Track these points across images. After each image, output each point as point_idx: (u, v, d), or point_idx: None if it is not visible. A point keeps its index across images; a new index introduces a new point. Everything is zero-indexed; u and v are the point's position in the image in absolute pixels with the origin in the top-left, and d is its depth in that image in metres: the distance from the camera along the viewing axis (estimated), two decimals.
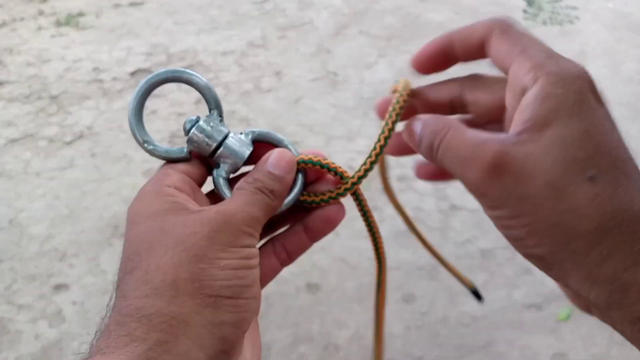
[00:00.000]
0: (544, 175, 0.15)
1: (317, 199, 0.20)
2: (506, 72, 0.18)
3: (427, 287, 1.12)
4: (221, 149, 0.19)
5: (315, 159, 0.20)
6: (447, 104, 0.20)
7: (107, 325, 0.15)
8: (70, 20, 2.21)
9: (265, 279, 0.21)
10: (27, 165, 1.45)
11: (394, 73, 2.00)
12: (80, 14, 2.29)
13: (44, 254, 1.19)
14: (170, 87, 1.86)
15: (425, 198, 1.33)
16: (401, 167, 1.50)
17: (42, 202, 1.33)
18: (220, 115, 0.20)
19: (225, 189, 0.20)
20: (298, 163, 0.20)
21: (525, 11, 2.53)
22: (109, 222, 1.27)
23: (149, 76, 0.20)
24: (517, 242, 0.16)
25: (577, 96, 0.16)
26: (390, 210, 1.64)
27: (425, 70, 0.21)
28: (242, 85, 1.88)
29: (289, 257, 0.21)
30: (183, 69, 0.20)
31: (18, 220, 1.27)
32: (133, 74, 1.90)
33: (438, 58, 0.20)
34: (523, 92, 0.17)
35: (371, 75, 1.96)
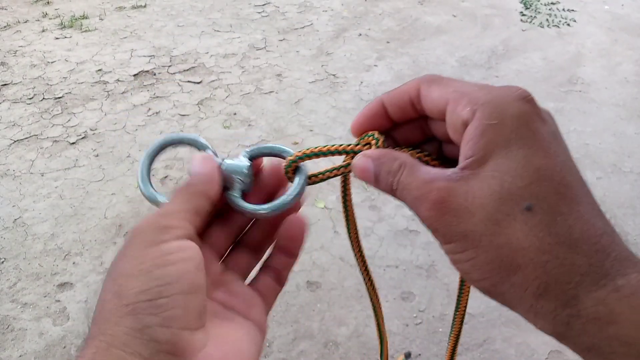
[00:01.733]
0: (481, 211, 0.15)
1: (324, 176, 0.21)
2: (442, 116, 0.18)
3: (425, 285, 1.14)
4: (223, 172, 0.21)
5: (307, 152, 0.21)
6: (408, 103, 0.19)
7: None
8: (74, 22, 2.24)
9: (268, 300, 0.21)
10: (31, 165, 1.47)
11: (393, 75, 2.03)
12: (84, 17, 2.31)
13: (48, 252, 1.21)
14: (173, 89, 1.89)
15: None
16: None
17: (46, 201, 1.35)
18: (214, 153, 0.21)
19: (240, 202, 0.20)
20: (292, 162, 0.21)
21: (522, 14, 2.55)
22: (112, 222, 1.29)
23: (150, 147, 0.21)
24: (466, 275, 0.16)
25: (514, 122, 0.16)
26: (388, 209, 1.66)
27: (364, 131, 0.20)
28: (243, 87, 1.90)
29: (280, 276, 0.22)
30: (179, 135, 0.22)
31: (22, 220, 1.29)
32: (136, 75, 1.93)
33: (375, 122, 0.20)
34: (464, 126, 0.16)
35: (370, 77, 1.98)
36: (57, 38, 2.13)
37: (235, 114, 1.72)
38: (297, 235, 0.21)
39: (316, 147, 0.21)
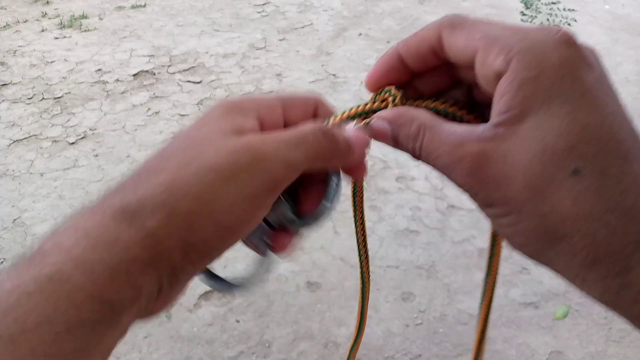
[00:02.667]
0: (523, 176, 0.14)
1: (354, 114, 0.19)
2: (470, 64, 0.16)
3: (426, 285, 1.14)
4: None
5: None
6: (429, 52, 0.17)
7: (105, 205, 0.14)
8: (74, 22, 2.24)
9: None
10: (30, 165, 1.47)
11: None
12: (84, 16, 2.31)
13: None
14: (173, 89, 1.89)
15: (424, 197, 1.34)
16: (400, 167, 1.52)
17: (45, 202, 1.34)
18: None
19: (289, 214, 0.18)
20: None
21: (522, 13, 2.55)
22: None
23: None
24: (508, 240, 0.15)
25: (556, 73, 0.14)
26: (389, 210, 1.66)
27: (381, 87, 0.18)
28: (243, 87, 1.90)
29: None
30: None
31: (22, 220, 1.29)
32: (136, 75, 1.92)
33: (392, 76, 0.18)
34: (497, 77, 0.15)
35: None
36: (56, 38, 2.13)
37: None
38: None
39: (332, 117, 0.19)
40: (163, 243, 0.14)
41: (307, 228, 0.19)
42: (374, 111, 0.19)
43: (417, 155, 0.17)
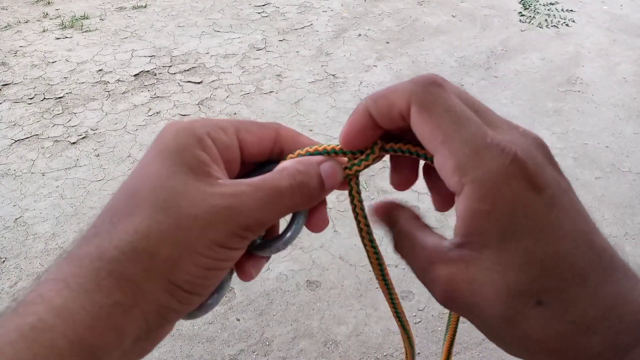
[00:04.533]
0: (492, 308, 0.15)
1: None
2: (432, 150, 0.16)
3: None
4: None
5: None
6: (398, 117, 0.17)
7: (81, 255, 0.15)
8: (75, 22, 2.24)
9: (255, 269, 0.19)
10: (32, 165, 1.48)
11: (392, 75, 2.03)
12: (85, 17, 2.32)
13: (49, 252, 1.21)
14: (174, 89, 1.89)
15: (423, 197, 1.35)
16: None
17: (47, 201, 1.35)
18: None
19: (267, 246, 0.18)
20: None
21: (521, 14, 2.56)
22: None
23: None
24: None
25: (508, 209, 0.14)
26: None
27: (356, 147, 0.18)
28: (243, 87, 1.90)
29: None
30: None
31: (23, 219, 1.30)
32: (137, 75, 1.93)
33: (364, 134, 0.17)
34: (453, 190, 0.15)
35: (370, 78, 1.97)
36: (57, 38, 2.14)
37: (235, 114, 1.73)
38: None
39: (305, 152, 0.19)
40: (146, 287, 0.15)
41: (275, 250, 0.19)
42: (341, 152, 0.18)
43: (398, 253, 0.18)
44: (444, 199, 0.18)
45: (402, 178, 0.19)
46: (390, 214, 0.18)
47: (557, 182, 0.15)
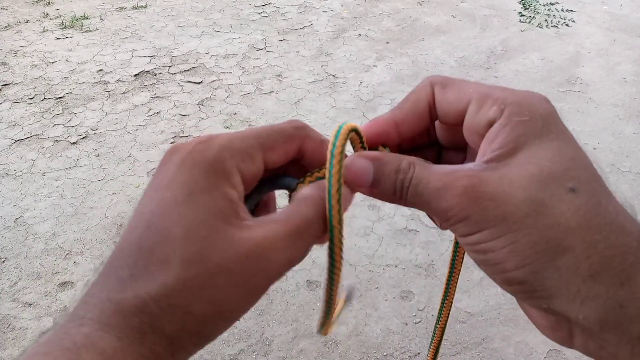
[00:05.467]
0: (522, 192, 0.14)
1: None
2: (457, 119, 0.17)
3: (425, 284, 1.15)
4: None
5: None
6: (426, 112, 0.17)
7: (119, 299, 0.15)
8: (75, 23, 2.24)
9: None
10: (32, 165, 1.48)
11: (392, 75, 2.03)
12: (85, 17, 2.32)
13: (49, 252, 1.21)
14: (174, 89, 1.89)
15: None
16: None
17: (47, 201, 1.35)
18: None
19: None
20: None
21: (521, 14, 2.56)
22: (113, 221, 1.29)
23: None
24: (495, 267, 0.15)
25: (544, 119, 0.16)
26: (387, 209, 1.66)
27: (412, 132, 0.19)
28: (243, 87, 1.90)
29: None
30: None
31: (23, 219, 1.30)
32: (137, 75, 1.93)
33: (380, 139, 0.18)
34: (489, 125, 0.16)
35: (370, 78, 1.97)
36: (58, 38, 2.14)
37: (235, 114, 1.73)
38: None
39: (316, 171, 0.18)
40: (178, 343, 0.15)
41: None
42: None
43: (404, 188, 0.17)
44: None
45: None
46: (387, 156, 0.17)
47: None
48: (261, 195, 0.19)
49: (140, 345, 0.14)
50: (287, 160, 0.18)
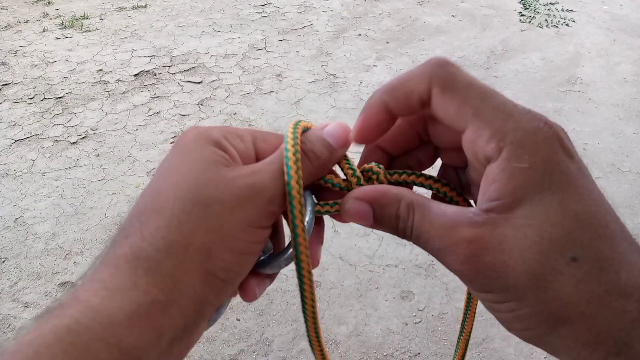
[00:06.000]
0: (522, 264, 0.14)
1: (332, 209, 0.18)
2: (457, 132, 0.16)
3: (425, 284, 1.15)
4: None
5: (331, 179, 0.18)
6: (417, 103, 0.17)
7: (117, 256, 0.15)
8: (75, 22, 2.24)
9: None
10: (32, 165, 1.48)
11: (392, 75, 2.03)
12: (85, 17, 2.32)
13: (49, 252, 1.21)
14: (174, 89, 1.89)
15: None
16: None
17: (47, 201, 1.35)
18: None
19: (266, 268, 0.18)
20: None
21: (521, 14, 2.56)
22: (113, 221, 1.29)
23: None
24: (506, 324, 0.15)
25: (546, 166, 0.14)
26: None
27: (371, 141, 0.18)
28: (243, 87, 1.90)
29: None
30: None
31: (23, 219, 1.30)
32: (137, 75, 1.93)
33: (379, 127, 0.17)
34: (487, 160, 0.15)
35: (370, 77, 1.97)
36: (57, 38, 2.14)
37: (235, 113, 1.73)
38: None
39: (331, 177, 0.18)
40: (183, 280, 0.15)
41: (277, 267, 0.18)
42: (330, 182, 0.18)
43: (407, 235, 0.17)
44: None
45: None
46: (385, 197, 0.17)
47: (579, 155, 0.16)
48: None
49: (132, 290, 0.14)
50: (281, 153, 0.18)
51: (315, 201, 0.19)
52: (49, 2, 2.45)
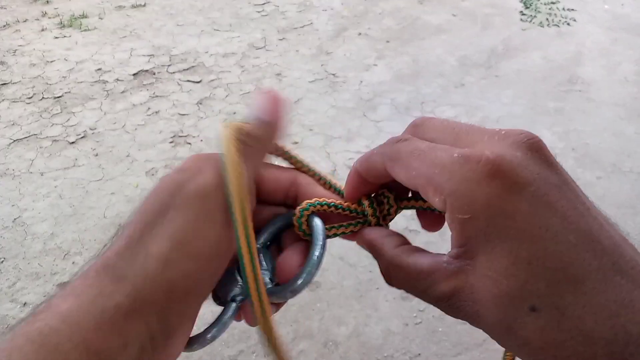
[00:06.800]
0: (490, 315, 0.15)
1: (347, 230, 0.20)
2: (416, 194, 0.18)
3: None
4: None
5: (330, 202, 0.19)
6: (383, 175, 0.18)
7: (89, 267, 0.16)
8: (74, 22, 2.23)
9: None
10: (30, 164, 1.47)
11: (393, 74, 2.03)
12: (83, 16, 2.31)
13: (48, 252, 1.21)
14: (173, 88, 1.89)
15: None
16: None
17: (45, 201, 1.35)
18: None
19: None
20: (304, 211, 0.19)
21: (522, 13, 2.55)
22: (112, 221, 1.29)
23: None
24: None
25: (486, 214, 0.14)
26: None
27: (356, 199, 0.20)
28: (243, 87, 1.89)
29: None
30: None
31: (22, 219, 1.29)
32: (135, 75, 1.92)
33: (360, 190, 0.20)
34: (443, 212, 0.16)
35: (370, 77, 1.96)
36: (56, 37, 2.13)
37: (235, 113, 1.72)
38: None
39: (322, 201, 0.19)
40: (144, 288, 0.15)
41: (283, 299, 0.18)
42: (364, 216, 0.20)
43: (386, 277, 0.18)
44: (431, 221, 0.20)
45: (430, 221, 0.20)
46: (374, 246, 0.19)
47: (543, 177, 0.14)
48: (274, 228, 0.20)
49: (98, 296, 0.15)
50: (281, 186, 0.20)
51: (326, 226, 0.19)
52: (47, 1, 2.44)
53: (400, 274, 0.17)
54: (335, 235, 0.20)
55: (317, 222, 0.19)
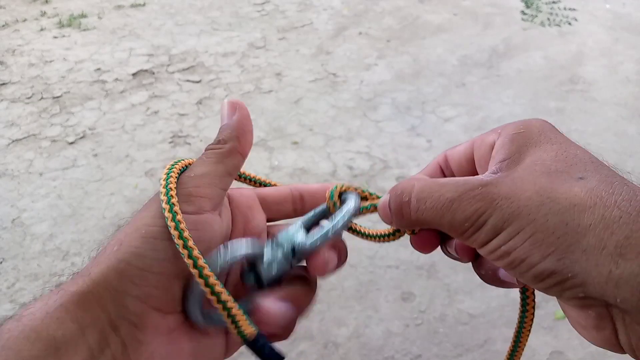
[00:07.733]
0: (532, 186, 0.15)
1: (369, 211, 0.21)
2: (467, 163, 0.20)
3: (426, 285, 1.14)
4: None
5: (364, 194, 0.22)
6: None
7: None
8: (73, 21, 2.23)
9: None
10: (29, 165, 1.47)
11: (393, 74, 2.02)
12: (83, 16, 2.30)
13: (47, 253, 1.20)
14: (172, 88, 1.88)
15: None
16: (400, 167, 1.52)
17: (44, 201, 1.34)
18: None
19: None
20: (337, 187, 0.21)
21: (523, 12, 2.54)
22: (111, 221, 1.28)
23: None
24: (522, 265, 0.14)
25: (540, 129, 0.18)
26: None
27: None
28: (243, 86, 1.89)
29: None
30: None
31: (21, 220, 1.29)
32: (135, 74, 1.92)
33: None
34: (491, 148, 0.18)
35: (370, 76, 1.96)
36: (55, 37, 2.12)
37: None
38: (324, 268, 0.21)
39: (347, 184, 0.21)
40: (98, 273, 0.16)
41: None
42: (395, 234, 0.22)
43: (408, 207, 0.18)
44: (423, 241, 0.21)
45: (423, 242, 0.21)
46: (403, 191, 0.19)
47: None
48: (313, 215, 0.21)
49: (50, 291, 0.16)
50: (282, 197, 0.22)
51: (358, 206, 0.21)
52: (46, 1, 2.44)
53: (433, 184, 0.18)
54: (366, 211, 0.21)
55: (350, 199, 0.21)
